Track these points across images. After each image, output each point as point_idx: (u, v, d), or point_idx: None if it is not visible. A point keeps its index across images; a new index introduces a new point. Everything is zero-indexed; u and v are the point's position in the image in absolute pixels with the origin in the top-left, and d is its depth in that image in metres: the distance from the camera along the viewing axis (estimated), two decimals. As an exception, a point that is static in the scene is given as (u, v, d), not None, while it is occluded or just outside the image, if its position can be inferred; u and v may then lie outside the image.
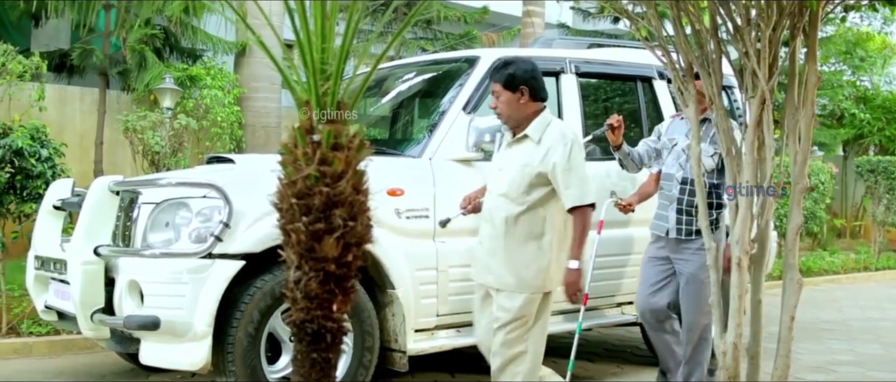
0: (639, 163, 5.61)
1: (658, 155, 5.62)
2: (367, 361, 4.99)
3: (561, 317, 5.81)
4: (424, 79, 6.61)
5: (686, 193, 5.33)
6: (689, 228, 5.31)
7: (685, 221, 5.32)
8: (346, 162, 2.48)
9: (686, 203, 5.32)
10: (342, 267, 2.50)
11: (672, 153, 5.47)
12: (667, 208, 5.42)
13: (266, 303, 4.73)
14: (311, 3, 2.50)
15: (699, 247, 5.15)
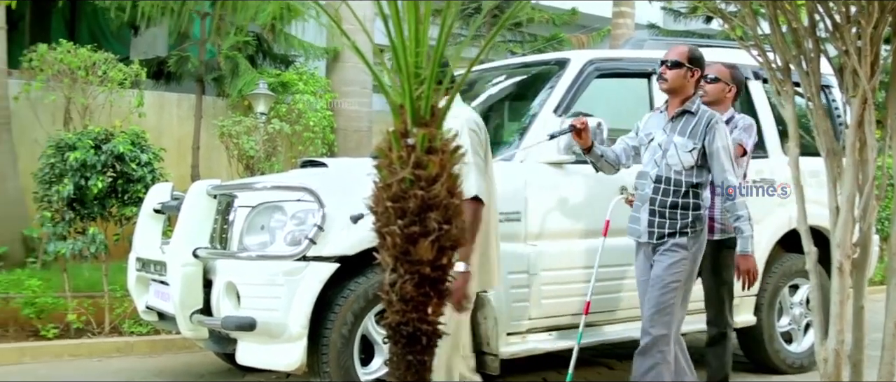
0: (615, 163, 5.06)
1: (637, 153, 5.06)
2: (459, 364, 5.00)
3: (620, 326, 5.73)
4: (514, 81, 6.60)
5: (660, 192, 4.76)
6: (661, 231, 4.73)
7: (657, 224, 4.74)
8: (441, 165, 2.48)
9: (659, 203, 4.75)
10: (437, 269, 2.50)
11: (649, 149, 4.92)
12: (639, 209, 4.87)
13: (359, 305, 4.78)
14: (404, 7, 2.52)
15: (670, 247, 4.69)
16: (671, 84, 4.78)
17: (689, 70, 4.77)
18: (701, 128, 4.73)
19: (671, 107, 4.85)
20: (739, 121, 5.39)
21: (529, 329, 5.34)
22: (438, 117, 2.51)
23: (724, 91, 5.41)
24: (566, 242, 5.44)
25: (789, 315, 6.53)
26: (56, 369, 6.42)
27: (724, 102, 5.41)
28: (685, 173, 4.73)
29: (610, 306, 5.62)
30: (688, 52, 4.82)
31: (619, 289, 5.63)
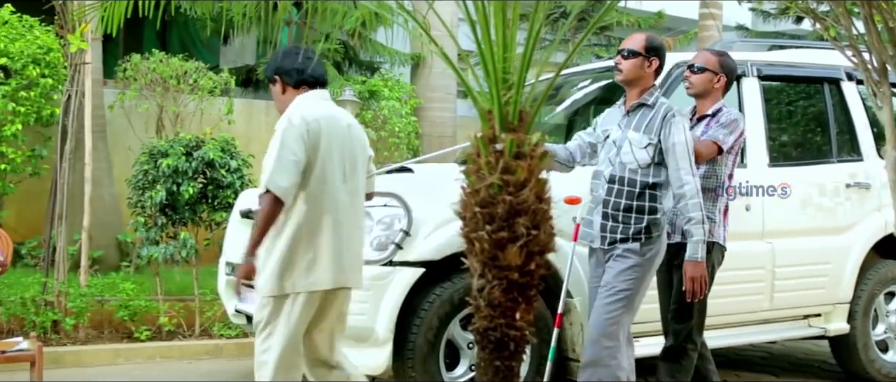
0: (567, 161, 4.70)
1: (594, 150, 4.70)
2: (544, 370, 4.97)
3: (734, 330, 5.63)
4: (600, 85, 6.55)
5: (614, 194, 4.38)
6: (613, 236, 4.36)
7: (610, 228, 4.38)
8: (529, 170, 2.48)
9: (613, 206, 4.37)
10: (525, 275, 2.50)
11: (604, 147, 4.56)
12: (593, 212, 4.52)
13: (445, 310, 4.79)
14: (492, 12, 2.52)
15: (621, 253, 4.34)
16: (626, 74, 4.45)
17: (646, 59, 4.44)
18: (657, 122, 4.36)
19: (628, 100, 4.53)
20: (723, 115, 4.73)
21: (641, 333, 5.26)
22: (527, 122, 2.51)
23: (711, 81, 4.78)
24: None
25: (885, 323, 6.35)
26: (148, 370, 6.58)
27: (713, 94, 4.81)
28: (640, 172, 4.35)
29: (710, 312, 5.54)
30: (645, 40, 4.48)
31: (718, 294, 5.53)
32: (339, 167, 3.99)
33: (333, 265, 3.92)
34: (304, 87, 4.09)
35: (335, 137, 3.98)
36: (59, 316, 6.94)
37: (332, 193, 3.94)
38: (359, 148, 4.12)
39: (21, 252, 8.61)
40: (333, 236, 3.93)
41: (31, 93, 8.35)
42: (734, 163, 4.81)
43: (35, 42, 8.48)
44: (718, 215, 4.68)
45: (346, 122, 4.10)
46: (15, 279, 7.38)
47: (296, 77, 4.07)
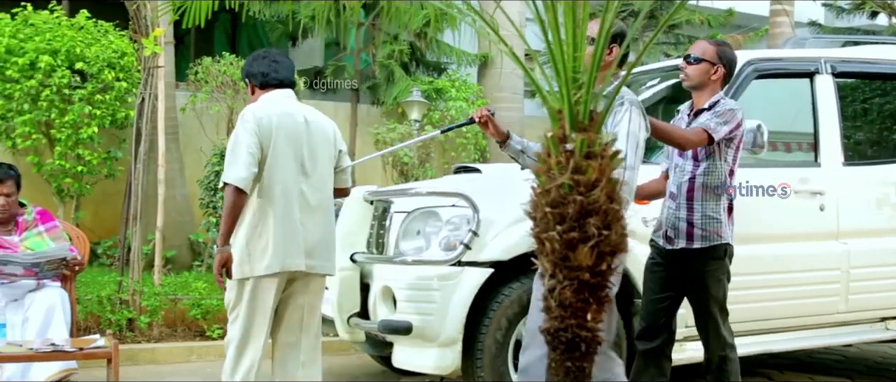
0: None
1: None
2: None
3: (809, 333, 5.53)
4: (669, 84, 6.48)
5: None
6: None
7: None
8: (600, 170, 2.46)
9: None
10: (596, 275, 2.48)
11: None
12: None
13: (514, 311, 4.78)
14: (562, 11, 2.51)
15: None
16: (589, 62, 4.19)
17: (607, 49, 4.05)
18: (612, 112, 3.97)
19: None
20: (720, 106, 4.42)
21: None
22: (597, 122, 2.50)
23: (708, 73, 4.47)
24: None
25: None
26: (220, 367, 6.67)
27: (710, 86, 4.49)
28: None
29: (769, 315, 5.45)
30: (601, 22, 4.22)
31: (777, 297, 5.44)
32: (295, 160, 4.22)
33: (283, 251, 4.14)
34: (269, 88, 4.35)
35: (288, 132, 4.20)
36: (134, 314, 7.08)
37: (283, 184, 4.17)
38: (320, 141, 4.33)
39: (97, 251, 8.82)
40: (283, 224, 4.15)
41: (106, 97, 8.55)
42: (736, 158, 4.48)
43: (110, 46, 8.68)
44: (723, 214, 4.42)
45: (302, 118, 4.30)
46: (92, 278, 7.56)
47: (260, 79, 4.36)
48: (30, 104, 8.37)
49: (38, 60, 8.25)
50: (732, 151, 4.45)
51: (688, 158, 4.48)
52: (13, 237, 5.31)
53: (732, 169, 4.47)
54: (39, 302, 5.09)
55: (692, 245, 4.43)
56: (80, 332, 5.97)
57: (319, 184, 4.33)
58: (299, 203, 4.22)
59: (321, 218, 4.31)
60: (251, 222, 4.17)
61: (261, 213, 4.16)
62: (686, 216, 4.43)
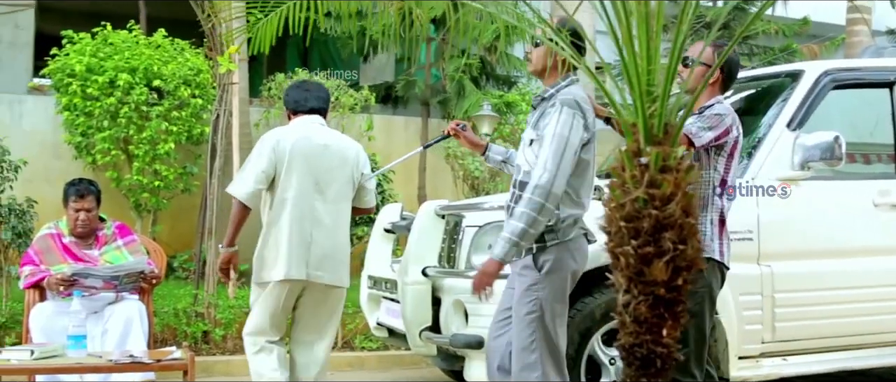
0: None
1: None
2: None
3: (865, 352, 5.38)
4: (743, 96, 6.38)
5: (514, 199, 3.86)
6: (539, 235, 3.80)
7: None
8: (675, 184, 2.44)
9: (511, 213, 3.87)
10: (672, 291, 2.45)
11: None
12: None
13: (586, 325, 4.74)
14: (636, 24, 2.49)
15: (519, 271, 3.88)
16: (534, 65, 4.04)
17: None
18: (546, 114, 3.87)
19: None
20: (709, 110, 4.10)
21: (762, 354, 5.12)
22: (672, 135, 2.47)
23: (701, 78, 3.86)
24: (804, 263, 5.20)
25: None
26: (294, 380, 6.73)
27: (707, 91, 4.15)
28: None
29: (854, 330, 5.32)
30: (556, 23, 3.94)
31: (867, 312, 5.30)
32: (311, 179, 4.69)
33: (292, 260, 4.62)
34: (300, 114, 4.88)
35: (305, 154, 4.69)
36: (209, 326, 7.19)
37: (296, 200, 4.66)
38: (337, 164, 4.79)
39: (173, 265, 8.97)
40: (295, 236, 4.64)
41: (182, 113, 8.73)
42: (728, 167, 4.13)
43: (186, 64, 8.86)
44: (709, 226, 4.06)
45: (323, 142, 4.78)
46: (168, 291, 7.69)
47: (293, 106, 4.92)
48: (109, 121, 8.58)
49: (118, 78, 8.46)
50: (723, 160, 4.11)
51: None
52: (93, 251, 5.44)
53: (724, 179, 4.12)
54: (118, 315, 5.20)
55: None
56: (157, 344, 6.08)
57: (333, 201, 4.77)
58: (311, 218, 4.69)
59: (332, 233, 4.77)
60: (266, 233, 4.74)
61: (274, 225, 4.69)
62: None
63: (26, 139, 9.23)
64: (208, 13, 8.04)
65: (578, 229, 3.87)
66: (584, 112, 3.75)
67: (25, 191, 7.30)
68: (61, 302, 5.16)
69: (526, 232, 3.66)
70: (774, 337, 5.11)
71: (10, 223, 6.85)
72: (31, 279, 5.33)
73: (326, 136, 4.83)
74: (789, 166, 5.13)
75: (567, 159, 3.67)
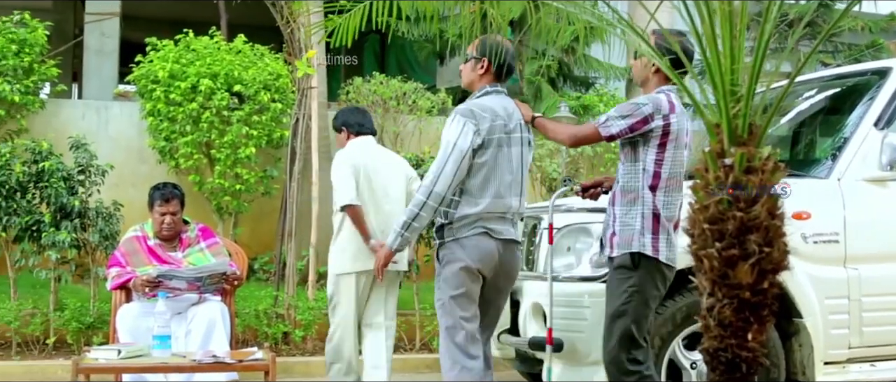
0: None
1: None
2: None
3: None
4: (827, 95, 6.24)
5: None
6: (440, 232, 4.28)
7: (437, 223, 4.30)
8: (761, 185, 2.39)
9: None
10: (757, 294, 2.40)
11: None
12: None
13: (666, 329, 4.68)
14: (719, 23, 2.45)
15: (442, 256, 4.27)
16: (463, 79, 4.50)
17: (476, 61, 4.36)
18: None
19: None
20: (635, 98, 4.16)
21: (849, 359, 5.00)
22: (757, 136, 2.42)
23: (647, 67, 4.18)
24: (893, 265, 5.06)
25: None
26: None
27: (651, 81, 4.19)
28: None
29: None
30: (478, 42, 4.37)
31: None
32: (372, 188, 5.48)
33: (361, 254, 5.39)
34: (362, 135, 5.69)
35: (369, 168, 5.50)
36: (289, 327, 7.28)
37: (368, 205, 5.45)
38: (392, 173, 5.64)
39: (254, 267, 9.11)
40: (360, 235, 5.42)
41: (262, 118, 8.86)
42: (660, 160, 4.05)
43: (266, 69, 8.99)
44: (640, 220, 4.04)
45: (379, 157, 5.66)
46: (249, 292, 7.81)
47: (357, 128, 5.71)
48: (192, 126, 8.75)
49: (200, 84, 8.62)
50: (653, 151, 4.05)
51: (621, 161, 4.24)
52: (177, 253, 5.55)
53: (657, 172, 4.05)
54: (201, 316, 5.29)
55: (612, 253, 4.13)
56: (238, 345, 6.17)
57: (389, 204, 5.51)
58: (378, 220, 5.44)
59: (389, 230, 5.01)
60: (340, 234, 5.53)
61: (346, 228, 5.46)
62: (610, 222, 4.17)
63: (112, 144, 9.47)
64: (287, 18, 8.15)
65: (476, 227, 4.18)
66: (478, 119, 4.14)
67: (112, 194, 7.49)
68: (147, 302, 5.27)
69: (408, 225, 4.23)
70: (862, 342, 4.97)
71: (98, 226, 7.02)
72: (117, 280, 5.45)
73: (384, 153, 5.82)
74: (877, 166, 5.00)
75: (452, 162, 4.09)
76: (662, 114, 3.99)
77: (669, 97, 4.07)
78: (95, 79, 12.24)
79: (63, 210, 6.99)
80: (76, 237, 6.95)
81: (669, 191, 4.04)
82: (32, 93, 9.29)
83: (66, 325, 6.98)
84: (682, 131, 4.05)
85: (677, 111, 4.03)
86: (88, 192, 7.21)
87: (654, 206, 4.03)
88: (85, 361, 4.60)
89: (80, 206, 6.99)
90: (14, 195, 7.01)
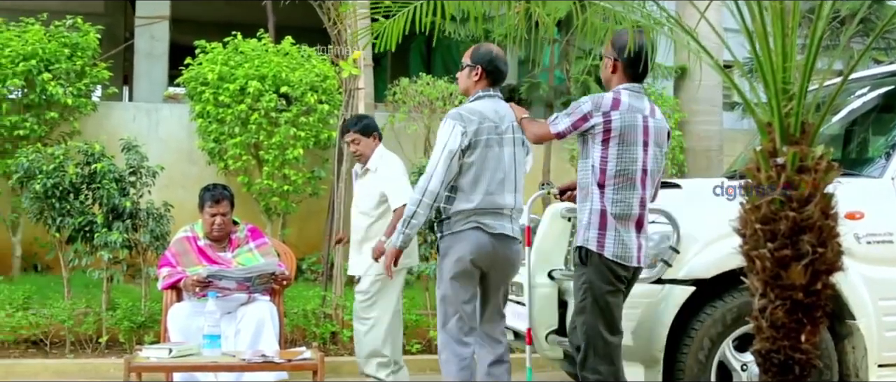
0: None
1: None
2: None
3: None
4: (880, 92, 6.14)
5: None
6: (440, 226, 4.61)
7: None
8: (814, 185, 2.36)
9: None
10: (811, 295, 2.37)
11: None
12: None
13: (716, 330, 4.64)
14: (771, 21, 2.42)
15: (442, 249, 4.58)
16: (460, 85, 4.74)
17: (470, 69, 4.60)
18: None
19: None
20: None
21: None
22: (810, 134, 2.38)
23: (607, 68, 4.33)
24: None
25: None
26: (421, 380, 6.78)
27: (613, 82, 4.32)
28: None
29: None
30: (472, 51, 4.65)
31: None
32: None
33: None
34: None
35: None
36: (337, 327, 7.32)
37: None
38: None
39: (302, 267, 9.16)
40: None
41: (310, 119, 8.91)
42: (605, 156, 4.12)
43: (312, 70, 9.04)
44: (588, 215, 4.13)
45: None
46: (297, 292, 7.85)
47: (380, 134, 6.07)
48: (240, 127, 8.83)
49: (248, 86, 8.69)
50: (598, 148, 4.14)
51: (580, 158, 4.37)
52: (227, 253, 5.60)
53: (603, 168, 4.12)
54: (251, 315, 5.34)
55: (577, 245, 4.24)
56: (287, 344, 6.21)
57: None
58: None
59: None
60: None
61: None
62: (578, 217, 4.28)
63: (162, 146, 9.58)
64: (334, 20, 8.19)
65: (470, 222, 4.45)
66: (465, 122, 4.41)
67: (162, 195, 7.58)
68: (197, 302, 5.32)
69: (408, 222, 4.45)
70: (918, 344, 4.89)
71: (149, 226, 7.12)
72: (168, 280, 5.52)
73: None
74: (933, 165, 4.91)
75: (443, 162, 4.38)
76: (602, 111, 4.11)
77: (619, 95, 4.19)
78: (146, 82, 12.38)
79: (115, 211, 7.09)
80: (128, 237, 7.05)
81: (619, 189, 4.11)
82: (85, 96, 9.42)
83: (118, 324, 7.08)
84: (629, 128, 4.12)
85: (622, 109, 4.12)
86: (139, 193, 7.30)
87: (602, 203, 4.11)
88: (137, 360, 4.67)
89: (131, 207, 7.09)
90: (67, 196, 7.13)
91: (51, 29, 9.22)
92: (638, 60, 4.18)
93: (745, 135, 11.42)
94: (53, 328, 7.14)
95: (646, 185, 4.17)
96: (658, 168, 4.29)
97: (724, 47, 3.16)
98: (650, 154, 4.18)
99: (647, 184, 4.17)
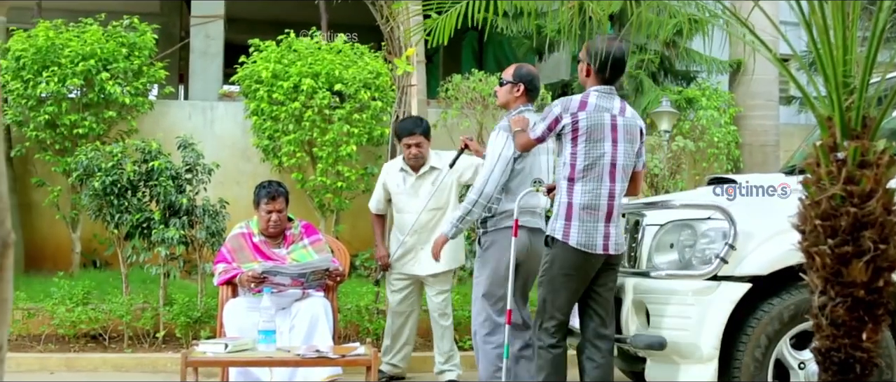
0: None
1: None
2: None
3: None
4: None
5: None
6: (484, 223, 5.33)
7: None
8: (876, 180, 2.30)
9: None
10: (872, 293, 2.31)
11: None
12: None
13: (773, 328, 4.56)
14: (830, 13, 2.37)
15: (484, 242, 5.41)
16: (499, 98, 5.44)
17: (512, 85, 5.27)
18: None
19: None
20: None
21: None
22: (871, 128, 2.33)
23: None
24: None
25: None
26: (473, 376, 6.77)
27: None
28: None
29: None
30: (514, 69, 5.34)
31: None
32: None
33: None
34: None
35: None
36: (389, 323, 7.32)
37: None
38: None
39: (355, 263, 9.20)
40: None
41: (363, 116, 8.95)
42: (574, 153, 4.60)
43: (365, 68, 9.07)
44: (558, 206, 4.66)
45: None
46: (351, 289, 7.89)
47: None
48: (294, 125, 8.90)
49: (301, 83, 8.75)
50: (569, 146, 4.62)
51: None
52: (281, 249, 5.64)
53: (573, 164, 4.60)
54: (305, 311, 5.38)
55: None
56: (341, 340, 6.25)
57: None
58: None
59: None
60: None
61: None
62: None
63: (218, 143, 9.70)
64: (386, 17, 8.21)
65: (512, 219, 5.05)
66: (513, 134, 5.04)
67: (218, 192, 7.66)
68: (252, 298, 5.37)
69: (463, 218, 5.24)
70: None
71: (205, 223, 7.20)
72: (224, 276, 5.57)
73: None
74: None
75: (499, 168, 5.11)
76: (570, 112, 4.60)
77: (587, 97, 4.66)
78: (201, 81, 12.54)
79: (172, 207, 7.19)
80: (184, 234, 7.14)
81: (587, 182, 4.56)
82: (142, 95, 9.57)
83: (174, 319, 7.17)
84: (596, 127, 4.57)
85: (589, 109, 4.59)
86: (195, 190, 7.39)
87: (570, 195, 4.59)
88: (193, 354, 4.73)
89: (187, 204, 7.17)
90: (125, 193, 7.24)
91: (108, 29, 9.38)
92: (607, 65, 4.57)
93: (802, 129, 11.25)
94: (112, 322, 7.26)
95: (615, 179, 4.59)
96: (630, 162, 4.68)
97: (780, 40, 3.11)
98: (620, 149, 4.61)
99: (617, 177, 4.59)
